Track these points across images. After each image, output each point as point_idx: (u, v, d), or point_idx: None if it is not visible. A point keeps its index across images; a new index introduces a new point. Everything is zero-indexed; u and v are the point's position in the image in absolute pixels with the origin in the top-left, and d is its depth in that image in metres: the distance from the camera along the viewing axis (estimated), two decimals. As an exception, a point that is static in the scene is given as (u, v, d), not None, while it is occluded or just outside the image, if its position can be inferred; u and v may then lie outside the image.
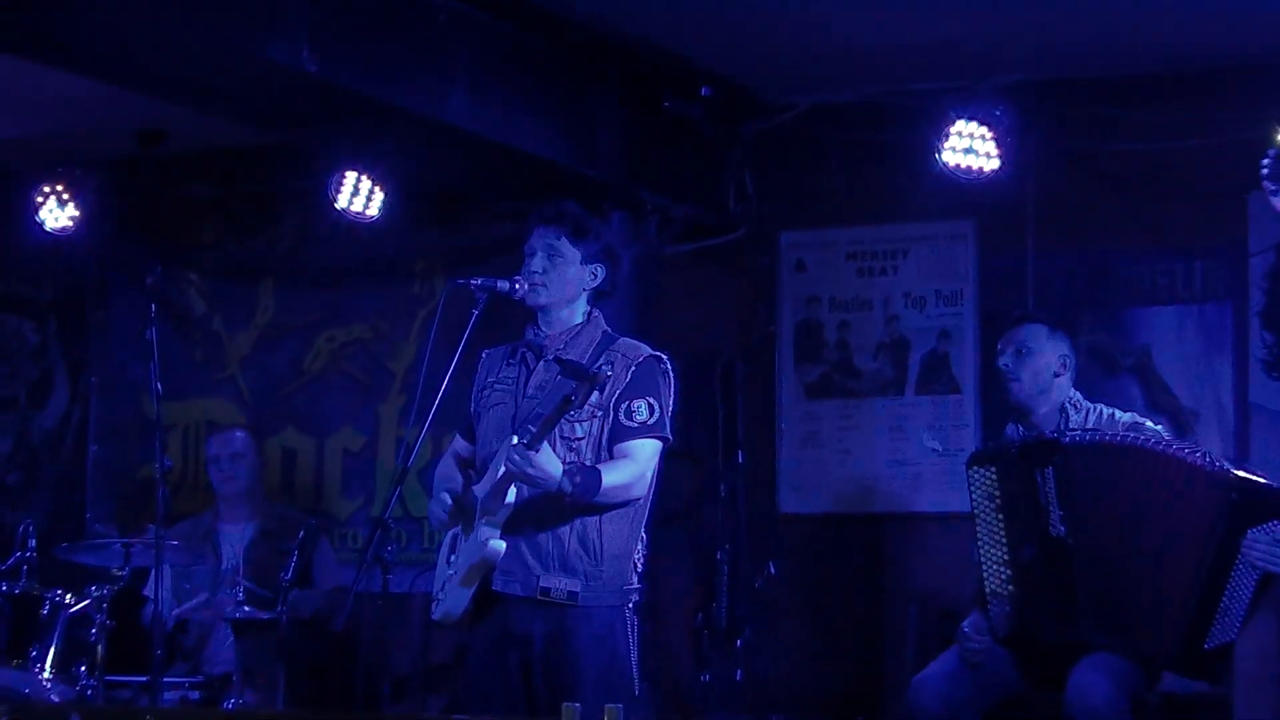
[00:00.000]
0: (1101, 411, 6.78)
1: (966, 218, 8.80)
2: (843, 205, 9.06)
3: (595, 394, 5.67)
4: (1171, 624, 6.41)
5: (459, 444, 6.30)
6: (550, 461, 5.67)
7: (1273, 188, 7.54)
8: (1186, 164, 8.43)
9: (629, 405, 5.88)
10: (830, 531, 8.97)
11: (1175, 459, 6.46)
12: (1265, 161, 7.56)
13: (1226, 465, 6.48)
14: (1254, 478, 6.47)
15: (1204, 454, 6.56)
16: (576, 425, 5.84)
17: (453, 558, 6.04)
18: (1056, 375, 6.79)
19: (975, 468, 6.70)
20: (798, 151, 9.08)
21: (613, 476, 5.79)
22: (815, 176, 9.09)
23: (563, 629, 5.86)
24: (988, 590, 6.61)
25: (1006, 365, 6.82)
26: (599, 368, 5.64)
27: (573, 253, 6.03)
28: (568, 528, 5.86)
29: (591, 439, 5.88)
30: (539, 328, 6.10)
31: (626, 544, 5.96)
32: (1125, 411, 6.84)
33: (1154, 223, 8.51)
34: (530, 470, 5.64)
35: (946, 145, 8.14)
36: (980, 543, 6.63)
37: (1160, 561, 6.42)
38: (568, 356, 5.92)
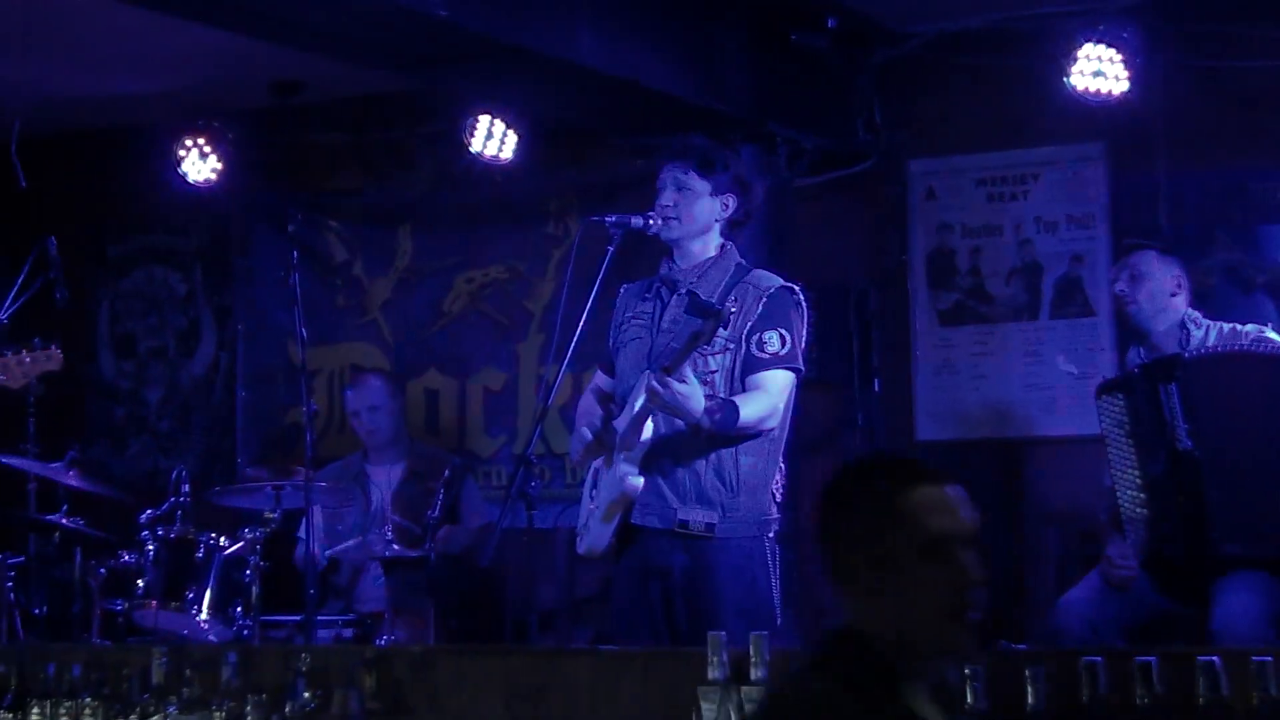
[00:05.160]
0: (1222, 327, 6.77)
1: (1096, 140, 8.75)
2: (972, 131, 9.04)
3: (723, 329, 5.73)
4: None
5: (600, 379, 6.38)
6: (694, 393, 5.71)
7: None
8: (1316, 79, 8.37)
9: (760, 337, 5.93)
10: (968, 457, 8.96)
11: None
12: None
13: None
14: None
15: None
16: (710, 359, 5.90)
17: (594, 492, 6.13)
18: (1172, 295, 6.80)
19: (1104, 397, 6.72)
20: (925, 79, 9.06)
21: (749, 409, 5.84)
22: (943, 104, 9.09)
23: (701, 561, 5.92)
24: (1124, 516, 6.61)
25: (1123, 290, 6.86)
26: (724, 304, 5.68)
27: (702, 185, 6.08)
28: (703, 461, 5.92)
29: (724, 371, 5.94)
30: (673, 261, 6.17)
31: (764, 475, 6.01)
32: (1246, 325, 6.83)
33: (1285, 139, 8.46)
34: (671, 400, 5.68)
35: (1075, 68, 8.09)
36: (1113, 469, 6.64)
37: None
38: (699, 290, 5.97)
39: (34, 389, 8.00)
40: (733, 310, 5.70)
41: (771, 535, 6.06)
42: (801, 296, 6.10)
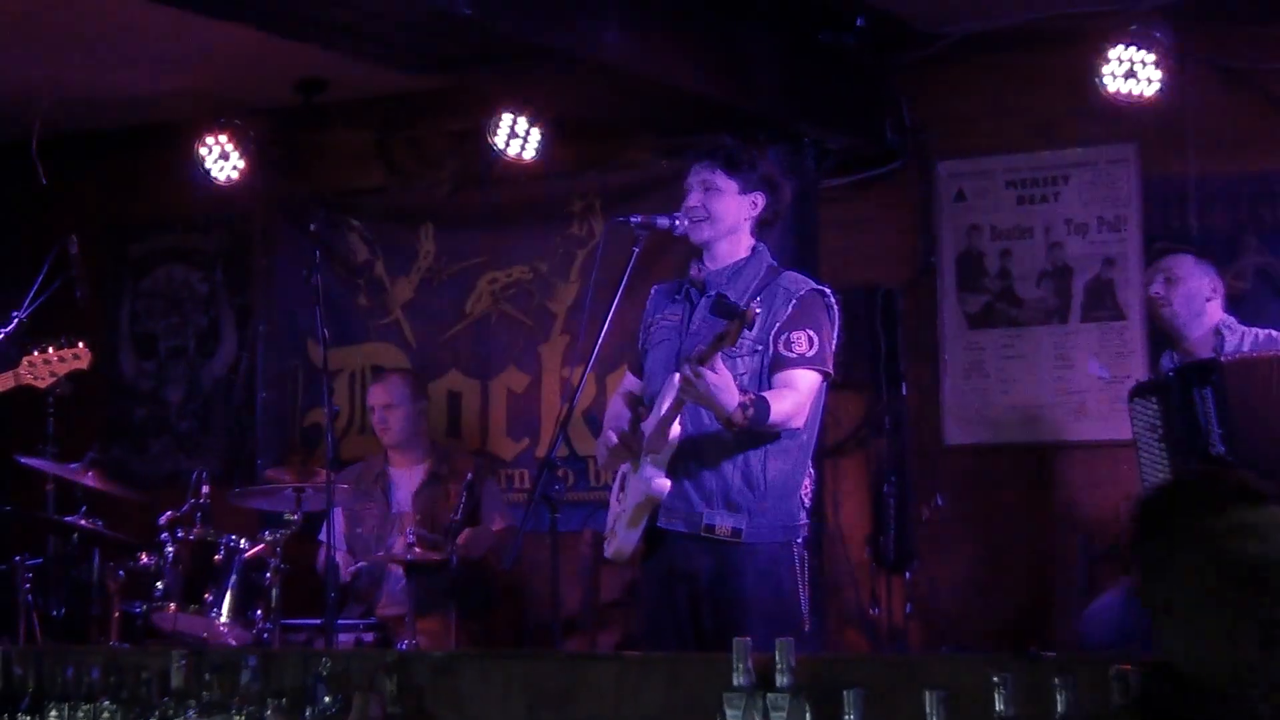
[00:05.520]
0: (1258, 334, 6.74)
1: (1127, 141, 8.71)
2: (1001, 133, 8.99)
3: (748, 330, 5.65)
4: None
5: (629, 380, 6.33)
6: (727, 385, 5.64)
7: None
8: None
9: (788, 337, 5.86)
10: (996, 462, 8.94)
11: None
12: None
13: None
14: None
15: None
16: (738, 361, 5.84)
17: (621, 495, 6.08)
18: (1208, 300, 6.76)
19: (1137, 400, 6.69)
20: (955, 80, 9.02)
21: (779, 406, 5.77)
22: (973, 105, 9.03)
23: (728, 566, 5.86)
24: (1155, 521, 6.55)
25: (1158, 294, 6.81)
26: (749, 305, 5.62)
27: (729, 184, 6.03)
28: (730, 464, 5.87)
29: (753, 374, 5.87)
30: (703, 263, 6.11)
31: (792, 480, 5.94)
32: None
33: (1317, 140, 8.40)
34: (705, 390, 5.59)
35: (1106, 69, 8.07)
36: (1144, 473, 6.61)
37: None
38: (728, 293, 5.92)
39: (62, 388, 7.97)
40: (758, 311, 5.63)
41: (800, 541, 5.99)
42: (833, 300, 6.03)
